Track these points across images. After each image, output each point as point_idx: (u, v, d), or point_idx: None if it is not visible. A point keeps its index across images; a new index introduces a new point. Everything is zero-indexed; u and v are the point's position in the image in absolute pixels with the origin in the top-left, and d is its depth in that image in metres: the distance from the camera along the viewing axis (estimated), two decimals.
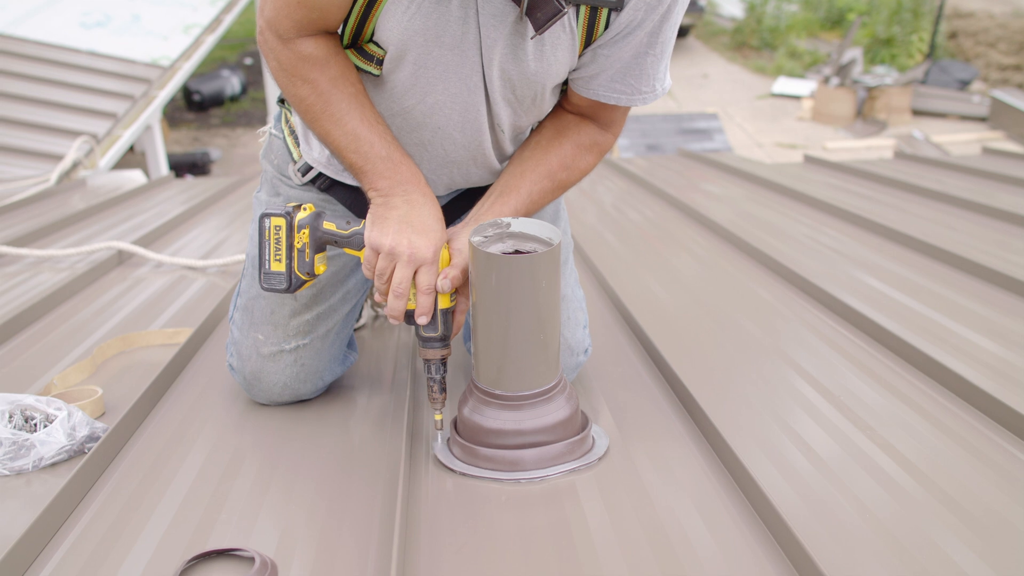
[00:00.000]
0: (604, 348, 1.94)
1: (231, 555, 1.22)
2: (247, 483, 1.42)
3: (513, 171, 1.53)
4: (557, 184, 1.54)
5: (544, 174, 1.52)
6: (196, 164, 8.35)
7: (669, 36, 1.41)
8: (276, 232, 1.46)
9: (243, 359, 1.65)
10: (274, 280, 1.49)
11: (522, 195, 1.50)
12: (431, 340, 1.46)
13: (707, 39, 13.73)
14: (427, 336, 1.45)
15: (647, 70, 1.43)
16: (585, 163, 1.56)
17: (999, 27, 11.98)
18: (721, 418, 1.52)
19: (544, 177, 1.52)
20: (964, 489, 1.34)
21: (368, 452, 1.52)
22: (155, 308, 2.33)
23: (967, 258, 2.45)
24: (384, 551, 1.21)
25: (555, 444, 1.43)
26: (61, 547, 1.25)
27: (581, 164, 1.55)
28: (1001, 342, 1.92)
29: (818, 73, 11.47)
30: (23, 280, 2.59)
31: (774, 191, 3.82)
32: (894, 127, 9.69)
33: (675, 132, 9.65)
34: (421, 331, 1.45)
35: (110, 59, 6.72)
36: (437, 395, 1.48)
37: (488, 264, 1.34)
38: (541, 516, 1.31)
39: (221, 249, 2.97)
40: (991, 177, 3.85)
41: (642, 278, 2.51)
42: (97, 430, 1.54)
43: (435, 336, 1.45)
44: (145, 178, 4.84)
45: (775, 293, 2.35)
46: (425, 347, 1.47)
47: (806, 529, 1.21)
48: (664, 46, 1.42)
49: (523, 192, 1.50)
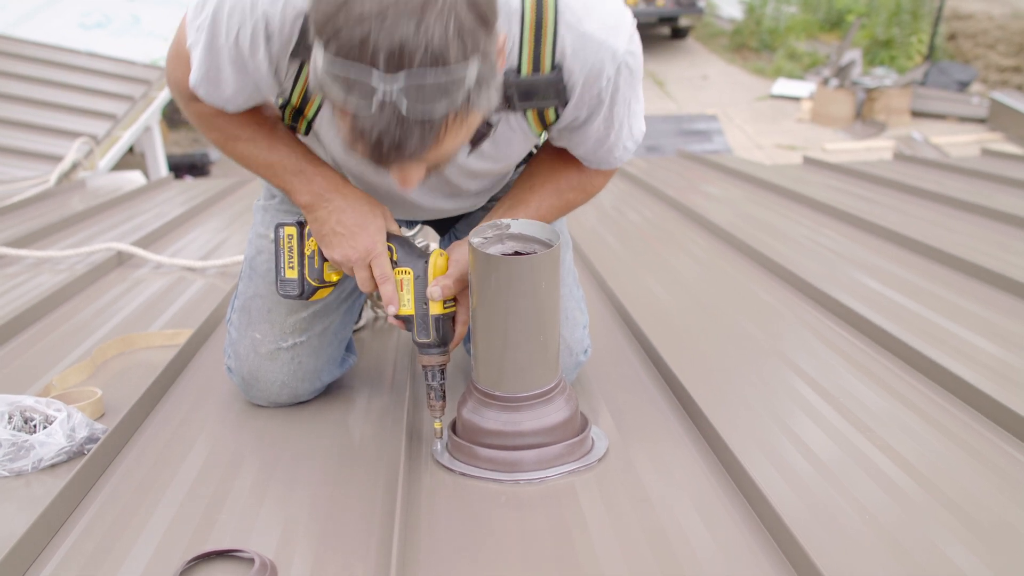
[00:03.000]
0: (604, 349, 1.94)
1: (231, 556, 1.22)
2: (247, 484, 1.42)
3: (523, 185, 1.55)
4: (565, 202, 1.57)
5: (553, 191, 1.54)
6: (195, 165, 8.34)
7: (623, 113, 1.42)
8: (289, 240, 1.53)
9: (241, 359, 1.65)
10: (288, 287, 1.54)
11: (530, 210, 1.52)
12: (425, 346, 1.46)
13: (706, 41, 13.73)
14: (421, 342, 1.45)
15: (617, 143, 1.46)
16: (592, 186, 1.58)
17: (998, 29, 11.98)
18: (720, 419, 1.52)
19: (553, 194, 1.55)
20: (964, 491, 1.34)
21: (368, 453, 1.52)
22: (155, 309, 2.33)
23: (967, 259, 2.45)
24: (384, 552, 1.21)
25: (554, 445, 1.43)
26: (60, 548, 1.25)
27: (588, 187, 1.58)
28: (1001, 343, 1.92)
29: (817, 75, 11.46)
30: (22, 281, 2.59)
31: (773, 192, 3.83)
32: (893, 128, 9.69)
33: (674, 133, 9.65)
34: (415, 336, 1.46)
35: (109, 60, 6.72)
36: (435, 403, 1.48)
37: (488, 265, 1.34)
38: (540, 517, 1.31)
39: (220, 250, 2.97)
40: (990, 178, 3.85)
41: (642, 279, 2.52)
42: (96, 431, 1.54)
43: (428, 342, 1.45)
44: (144, 179, 4.84)
45: (775, 294, 2.35)
46: (421, 353, 1.47)
47: (805, 530, 1.21)
48: (622, 122, 1.43)
49: (531, 207, 1.52)
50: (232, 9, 1.27)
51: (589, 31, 1.30)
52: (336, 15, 1.01)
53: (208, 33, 1.30)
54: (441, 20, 1.00)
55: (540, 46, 1.30)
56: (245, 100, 1.40)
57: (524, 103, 1.35)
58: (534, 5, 1.28)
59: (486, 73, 1.07)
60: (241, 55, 1.30)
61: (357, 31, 1.00)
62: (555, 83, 1.33)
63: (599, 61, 1.32)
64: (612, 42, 1.31)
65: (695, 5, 12.65)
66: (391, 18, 1.00)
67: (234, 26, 1.27)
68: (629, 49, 1.34)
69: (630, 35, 1.34)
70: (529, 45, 1.30)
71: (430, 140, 1.07)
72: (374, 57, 1.01)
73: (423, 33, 1.00)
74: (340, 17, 1.01)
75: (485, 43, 1.05)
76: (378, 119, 1.04)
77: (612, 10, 1.33)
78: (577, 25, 1.29)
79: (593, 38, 1.30)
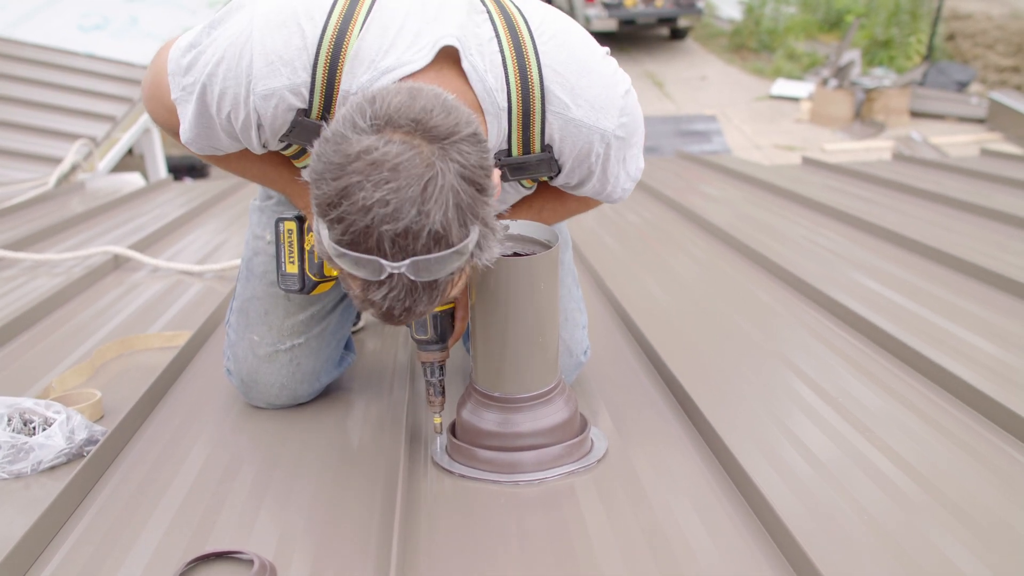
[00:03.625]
0: (603, 350, 1.94)
1: (230, 557, 1.22)
2: (246, 485, 1.42)
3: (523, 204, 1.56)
4: (568, 211, 1.61)
5: (554, 199, 1.57)
6: (195, 167, 8.33)
7: (617, 169, 1.41)
8: (289, 235, 1.53)
9: (239, 361, 1.66)
10: (289, 281, 1.55)
11: (532, 215, 1.54)
12: (424, 343, 1.46)
13: (705, 41, 13.73)
14: (420, 338, 1.46)
15: (615, 189, 1.46)
16: (595, 201, 1.59)
17: (997, 29, 11.99)
18: (720, 420, 1.52)
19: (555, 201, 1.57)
20: (962, 491, 1.34)
21: (367, 454, 1.52)
22: (153, 312, 2.32)
23: (966, 260, 2.45)
24: (383, 553, 1.21)
25: (554, 446, 1.43)
26: (60, 551, 1.25)
27: (591, 202, 1.59)
28: (1000, 344, 1.92)
29: (816, 75, 11.47)
30: (20, 284, 2.59)
31: (772, 193, 3.83)
32: (892, 129, 9.69)
33: (673, 134, 9.65)
34: (414, 333, 1.46)
35: (108, 62, 6.72)
36: (434, 398, 1.48)
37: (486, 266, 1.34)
38: (540, 518, 1.31)
39: (219, 252, 2.96)
40: (989, 179, 3.85)
41: (641, 280, 2.52)
42: (96, 433, 1.54)
43: (427, 339, 1.45)
44: (144, 181, 4.84)
45: (773, 295, 2.35)
46: (420, 349, 1.47)
47: (804, 531, 1.21)
48: (617, 175, 1.42)
49: (534, 211, 1.54)
50: (223, 92, 1.28)
51: (576, 118, 1.31)
52: (338, 203, 1.03)
53: (198, 102, 1.31)
54: (440, 202, 1.03)
55: (529, 133, 1.32)
56: (237, 149, 1.42)
57: (516, 176, 1.38)
58: (520, 98, 1.28)
59: (487, 233, 1.10)
60: (232, 129, 1.32)
61: (361, 223, 1.03)
62: (546, 160, 1.35)
63: (588, 143, 1.33)
64: (601, 125, 1.32)
65: (694, 6, 12.65)
66: (393, 208, 1.02)
67: (226, 107, 1.29)
68: (620, 123, 1.34)
69: (620, 108, 1.34)
70: (518, 133, 1.32)
71: (437, 298, 1.12)
72: (380, 248, 1.04)
73: (424, 219, 1.03)
74: (343, 206, 1.03)
75: (483, 210, 1.09)
76: (387, 289, 1.07)
77: (600, 88, 1.32)
78: (564, 113, 1.31)
79: (581, 124, 1.31)
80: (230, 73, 1.26)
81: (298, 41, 1.24)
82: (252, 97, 1.26)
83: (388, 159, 1.02)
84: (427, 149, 1.04)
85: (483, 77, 1.26)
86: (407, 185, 1.02)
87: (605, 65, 1.34)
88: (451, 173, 1.04)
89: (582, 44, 1.34)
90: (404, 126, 1.04)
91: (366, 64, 1.24)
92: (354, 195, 1.02)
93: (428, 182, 1.02)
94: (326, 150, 1.05)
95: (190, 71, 1.30)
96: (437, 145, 1.05)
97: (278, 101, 1.26)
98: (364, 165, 1.02)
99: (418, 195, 1.02)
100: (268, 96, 1.26)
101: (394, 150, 1.03)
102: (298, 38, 1.25)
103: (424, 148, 1.04)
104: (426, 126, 1.05)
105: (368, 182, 1.02)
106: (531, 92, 1.28)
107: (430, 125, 1.05)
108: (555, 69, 1.29)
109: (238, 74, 1.26)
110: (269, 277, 1.63)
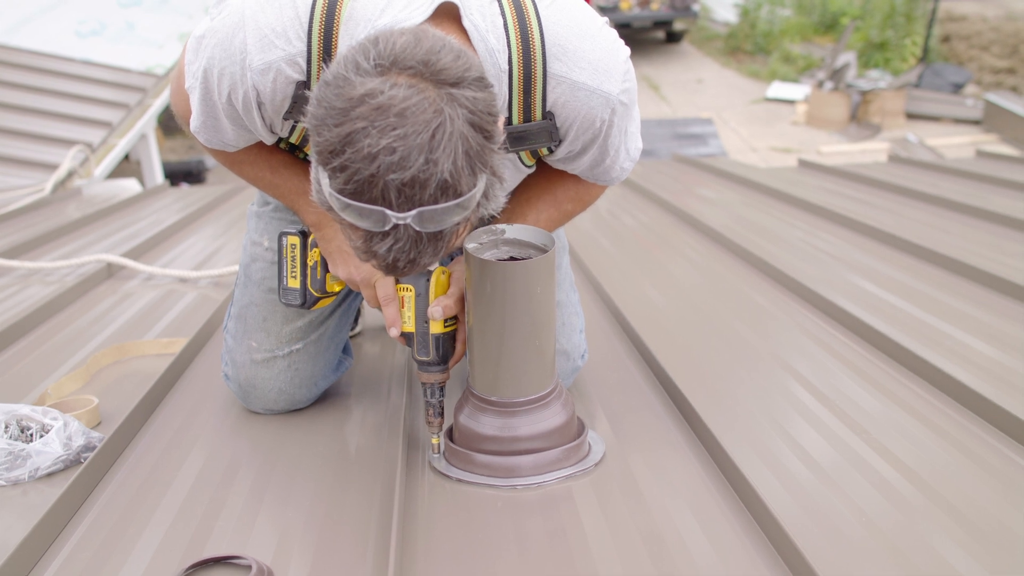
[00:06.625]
0: (600, 354, 1.94)
1: (228, 563, 1.22)
2: (244, 490, 1.42)
3: (520, 198, 1.54)
4: (563, 214, 1.57)
5: (551, 202, 1.54)
6: (191, 173, 8.33)
7: (619, 140, 1.39)
8: (292, 250, 1.53)
9: (237, 366, 1.65)
10: (291, 296, 1.55)
11: (528, 221, 1.51)
12: (425, 364, 1.45)
13: (701, 44, 13.75)
14: (421, 359, 1.45)
15: (613, 165, 1.44)
16: (590, 196, 1.58)
17: (992, 30, 12.02)
18: (717, 423, 1.53)
19: (551, 206, 1.54)
20: (960, 493, 1.35)
21: (365, 458, 1.52)
22: (148, 319, 2.32)
23: (962, 261, 2.46)
24: (381, 558, 1.21)
25: (551, 450, 1.43)
26: (58, 557, 1.25)
27: (586, 197, 1.57)
28: (996, 345, 1.92)
29: (812, 77, 11.48)
30: (13, 292, 2.58)
31: (769, 195, 3.83)
32: (888, 131, 9.70)
33: (670, 137, 9.66)
34: (415, 353, 1.45)
35: (105, 68, 6.71)
36: (434, 419, 1.47)
37: (483, 271, 1.34)
38: (537, 523, 1.31)
39: (216, 258, 2.96)
40: (985, 180, 3.86)
41: (638, 283, 2.52)
42: (93, 440, 1.54)
43: (428, 360, 1.44)
44: (140, 187, 4.84)
45: (770, 298, 2.36)
46: (421, 370, 1.46)
47: (802, 533, 1.21)
48: (617, 148, 1.40)
49: (529, 219, 1.52)
50: (222, 73, 1.26)
51: (580, 80, 1.27)
52: (341, 151, 0.99)
53: (202, 87, 1.31)
54: (449, 151, 0.99)
55: (530, 98, 1.29)
56: (245, 143, 1.42)
57: (516, 147, 1.34)
58: (520, 61, 1.25)
59: (493, 182, 1.07)
60: (235, 112, 1.31)
61: (365, 171, 0.99)
62: (547, 129, 1.32)
63: (592, 108, 1.30)
64: (605, 88, 1.29)
65: (689, 9, 12.66)
66: (400, 155, 0.98)
67: (225, 88, 1.28)
68: (623, 88, 1.31)
69: (623, 73, 1.31)
70: (518, 99, 1.29)
71: (441, 249, 1.08)
72: (385, 197, 1.00)
73: (432, 168, 0.99)
74: (346, 154, 0.99)
75: (491, 157, 1.05)
76: (392, 241, 1.04)
77: (603, 51, 1.30)
78: (567, 75, 1.27)
79: (585, 87, 1.28)
80: (226, 53, 1.25)
81: (290, 12, 1.23)
82: (249, 73, 1.24)
83: (394, 104, 0.98)
84: (434, 93, 1.00)
85: (484, 37, 1.23)
86: (415, 132, 0.97)
87: (606, 31, 1.32)
88: (460, 119, 1.00)
89: (582, 10, 1.32)
90: (411, 67, 1.00)
91: (362, 25, 1.22)
92: (358, 142, 0.98)
93: (436, 129, 0.98)
94: (327, 94, 1.01)
95: (197, 54, 1.30)
96: (444, 90, 1.00)
97: (276, 75, 1.24)
98: (369, 110, 0.98)
99: (426, 143, 0.98)
100: (265, 70, 1.24)
101: (400, 94, 0.98)
102: (290, 9, 1.23)
103: (431, 92, 0.99)
104: (434, 68, 1.00)
105: (373, 128, 0.97)
106: (532, 54, 1.25)
107: (439, 67, 1.01)
108: (556, 32, 1.26)
109: (232, 53, 1.24)
110: (267, 283, 1.63)
